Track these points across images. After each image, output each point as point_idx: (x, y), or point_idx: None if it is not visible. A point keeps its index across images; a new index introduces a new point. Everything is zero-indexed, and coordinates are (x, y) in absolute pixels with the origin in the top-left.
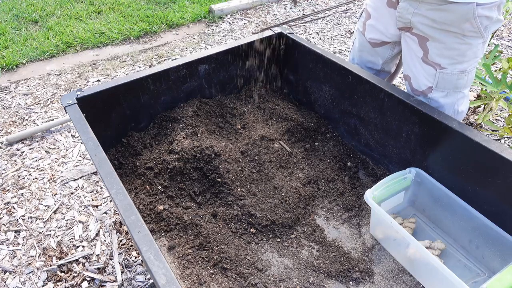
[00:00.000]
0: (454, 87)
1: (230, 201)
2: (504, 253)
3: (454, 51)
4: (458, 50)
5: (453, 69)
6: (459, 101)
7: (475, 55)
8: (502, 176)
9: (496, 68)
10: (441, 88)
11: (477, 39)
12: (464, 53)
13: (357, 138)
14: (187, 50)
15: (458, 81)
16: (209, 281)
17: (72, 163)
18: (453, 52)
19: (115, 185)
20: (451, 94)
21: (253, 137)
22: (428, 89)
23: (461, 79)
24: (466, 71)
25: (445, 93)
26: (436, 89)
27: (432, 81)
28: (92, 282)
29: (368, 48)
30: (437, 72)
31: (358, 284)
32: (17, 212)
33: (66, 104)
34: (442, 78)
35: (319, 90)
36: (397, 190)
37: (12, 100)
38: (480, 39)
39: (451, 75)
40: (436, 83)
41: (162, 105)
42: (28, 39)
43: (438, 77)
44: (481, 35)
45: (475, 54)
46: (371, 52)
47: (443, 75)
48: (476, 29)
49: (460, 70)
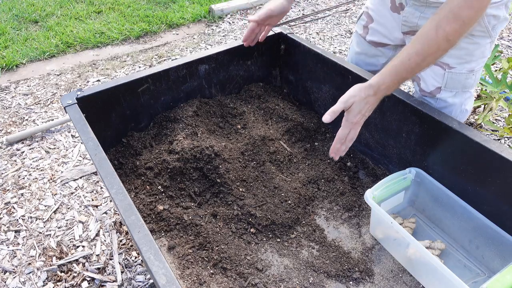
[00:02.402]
0: (462, 86)
1: (230, 201)
2: (504, 253)
3: (462, 51)
4: (466, 49)
5: (461, 68)
6: (466, 100)
7: (482, 54)
8: (502, 176)
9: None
10: (449, 88)
11: (485, 38)
12: (472, 53)
13: (357, 138)
14: (187, 50)
15: (466, 81)
16: (209, 281)
17: (72, 163)
18: (461, 52)
19: (115, 185)
20: (460, 94)
21: (253, 137)
22: (437, 89)
23: (469, 78)
24: (474, 71)
25: (454, 93)
26: (445, 89)
27: (440, 81)
28: (92, 282)
29: (367, 51)
30: (446, 72)
31: (358, 284)
32: (17, 212)
33: (66, 104)
34: (451, 78)
35: (319, 90)
36: (397, 190)
37: (12, 100)
38: (488, 39)
39: (459, 75)
40: (445, 84)
41: (162, 105)
42: (28, 39)
43: (447, 77)
44: (489, 35)
45: (483, 53)
46: (370, 54)
47: (452, 74)
48: (484, 29)
49: (469, 70)
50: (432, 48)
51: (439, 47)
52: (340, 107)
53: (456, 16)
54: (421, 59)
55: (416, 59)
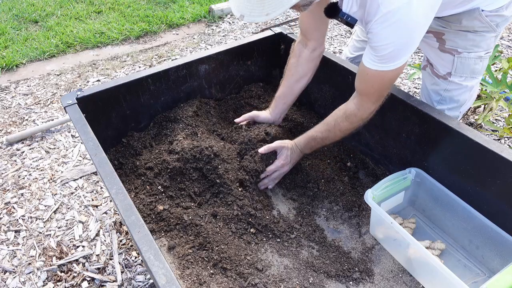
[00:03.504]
0: (471, 72)
1: (230, 201)
2: (504, 253)
3: (469, 42)
4: (473, 40)
5: (469, 54)
6: (474, 87)
7: (488, 46)
8: (502, 176)
9: (496, 68)
10: (459, 73)
11: (489, 32)
12: (478, 44)
13: (357, 138)
14: (187, 50)
15: (475, 66)
16: (209, 281)
17: (72, 163)
18: (468, 43)
19: (115, 185)
20: (469, 79)
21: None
22: (448, 74)
23: (477, 64)
24: (482, 57)
25: (463, 78)
26: (455, 74)
27: (450, 67)
28: (92, 282)
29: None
30: (455, 57)
31: (358, 284)
32: (17, 212)
33: (66, 104)
34: (461, 62)
35: (319, 90)
36: (397, 190)
37: (12, 100)
38: (493, 33)
39: (468, 59)
40: (455, 69)
41: (162, 105)
42: (28, 39)
43: (457, 62)
44: (493, 30)
45: (488, 45)
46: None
47: (461, 59)
48: (486, 25)
49: (477, 56)
50: (331, 134)
51: (335, 135)
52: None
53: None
54: (324, 140)
55: (321, 139)
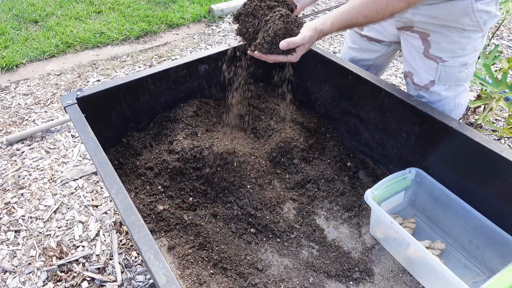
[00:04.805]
0: (456, 80)
1: (230, 201)
2: (504, 253)
3: (455, 45)
4: (459, 43)
5: (454, 62)
6: (460, 94)
7: (474, 48)
8: (502, 176)
9: (496, 68)
10: (443, 81)
11: (476, 33)
12: (464, 47)
13: (357, 138)
14: (187, 50)
15: (459, 74)
16: (209, 281)
17: (72, 163)
18: (454, 46)
19: (115, 185)
20: (453, 88)
21: (253, 138)
22: (430, 83)
23: (462, 72)
24: (467, 64)
25: (447, 87)
26: (438, 83)
27: (434, 75)
28: (92, 282)
29: (361, 45)
30: (439, 65)
31: (358, 284)
32: (17, 212)
33: (66, 104)
34: (444, 71)
35: (319, 90)
36: (397, 190)
37: (12, 100)
38: (480, 33)
39: (452, 68)
40: (438, 77)
41: (162, 105)
42: (28, 39)
43: (440, 70)
44: (480, 29)
45: (474, 47)
46: (364, 49)
47: (445, 68)
48: (476, 23)
49: (461, 63)
50: (378, 16)
51: (383, 17)
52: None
53: None
54: (365, 22)
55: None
